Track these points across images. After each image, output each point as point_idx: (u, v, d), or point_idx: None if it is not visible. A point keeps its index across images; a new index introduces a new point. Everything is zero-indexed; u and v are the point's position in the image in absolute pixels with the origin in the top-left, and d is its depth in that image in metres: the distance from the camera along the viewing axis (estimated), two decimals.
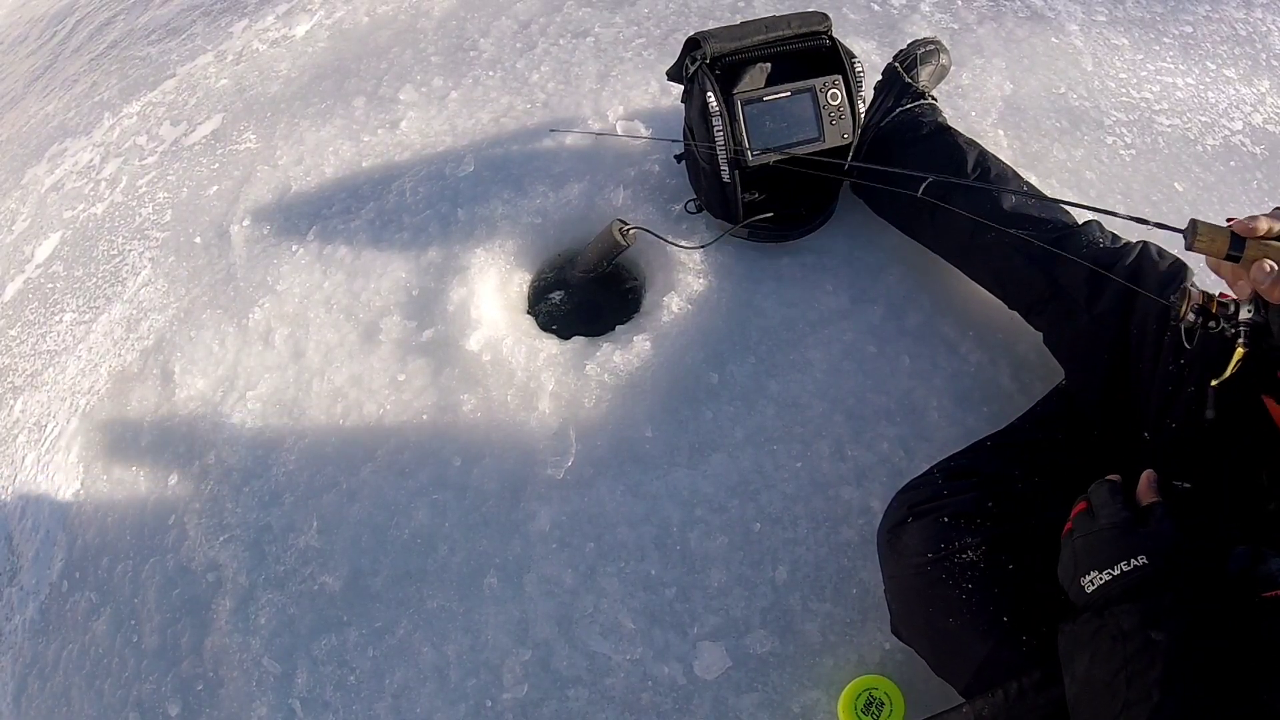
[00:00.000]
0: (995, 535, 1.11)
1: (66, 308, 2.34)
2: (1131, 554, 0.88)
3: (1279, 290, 0.88)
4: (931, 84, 1.80)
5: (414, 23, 2.65)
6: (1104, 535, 0.93)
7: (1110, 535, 0.92)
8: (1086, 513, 0.98)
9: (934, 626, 1.11)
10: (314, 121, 2.42)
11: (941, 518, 1.13)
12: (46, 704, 1.65)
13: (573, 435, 1.61)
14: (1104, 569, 0.89)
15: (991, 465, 1.22)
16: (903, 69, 1.77)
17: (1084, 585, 0.91)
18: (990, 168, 1.53)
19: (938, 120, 1.68)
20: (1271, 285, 0.88)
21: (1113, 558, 0.89)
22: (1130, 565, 0.88)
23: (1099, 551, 0.92)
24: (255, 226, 2.18)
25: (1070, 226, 1.40)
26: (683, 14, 2.40)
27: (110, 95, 3.22)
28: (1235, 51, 2.15)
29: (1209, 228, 0.90)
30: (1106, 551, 0.91)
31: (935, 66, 1.80)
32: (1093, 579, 0.90)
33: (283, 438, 1.75)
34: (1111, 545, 0.91)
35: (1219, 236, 0.90)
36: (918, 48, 1.81)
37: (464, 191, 2.03)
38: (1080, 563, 0.93)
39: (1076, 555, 0.94)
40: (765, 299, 1.72)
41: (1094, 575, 0.90)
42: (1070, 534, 0.98)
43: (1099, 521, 0.94)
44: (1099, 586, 0.89)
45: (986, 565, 1.08)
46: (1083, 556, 0.93)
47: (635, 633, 1.42)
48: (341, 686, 1.47)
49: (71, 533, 1.83)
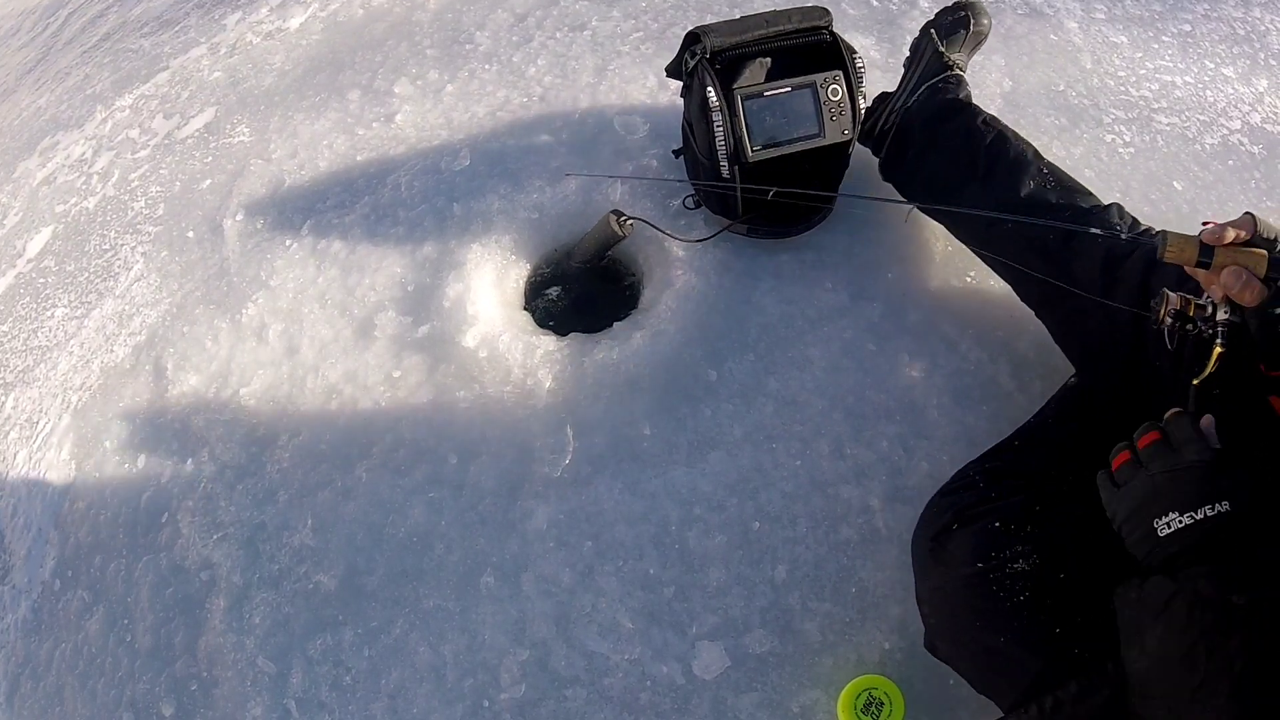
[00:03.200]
0: (1045, 541, 1.05)
1: (58, 303, 2.32)
2: (1217, 498, 0.82)
3: (1249, 294, 0.91)
4: (965, 53, 1.73)
5: (409, 15, 2.63)
6: (1192, 472, 0.85)
7: (1199, 473, 0.85)
8: (1163, 445, 0.89)
9: (979, 642, 1.04)
10: (308, 115, 2.40)
11: (992, 524, 1.07)
12: (39, 704, 1.63)
13: (570, 433, 1.60)
14: (1186, 510, 0.83)
15: (1032, 465, 1.17)
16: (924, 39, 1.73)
17: (1157, 528, 0.84)
18: (1007, 151, 1.47)
19: (958, 97, 1.63)
20: (1241, 289, 0.90)
21: (1199, 499, 0.83)
22: (1214, 510, 0.81)
23: (1184, 489, 0.84)
24: (249, 221, 2.16)
25: (1087, 212, 1.36)
26: (680, 8, 2.38)
27: (102, 88, 3.19)
28: (1234, 50, 2.15)
29: (1178, 238, 0.94)
30: (1194, 490, 0.84)
31: (966, 34, 1.72)
32: (1171, 520, 0.83)
33: (277, 435, 1.73)
34: (1199, 484, 0.84)
35: (1188, 246, 0.94)
36: (946, 16, 1.75)
37: (460, 186, 2.01)
38: (1160, 500, 0.85)
39: (1157, 490, 0.86)
40: (764, 296, 1.71)
41: (1173, 516, 0.83)
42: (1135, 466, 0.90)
43: (1185, 455, 0.87)
44: (1176, 530, 0.83)
45: (1039, 575, 1.02)
46: (1164, 492, 0.85)
47: (633, 632, 1.41)
48: (337, 687, 1.46)
49: (64, 530, 1.81)
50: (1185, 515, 0.82)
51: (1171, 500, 0.84)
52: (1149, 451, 0.90)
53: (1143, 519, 0.86)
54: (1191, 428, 0.89)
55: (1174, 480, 0.85)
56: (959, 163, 1.52)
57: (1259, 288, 0.90)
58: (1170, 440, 0.89)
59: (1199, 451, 0.86)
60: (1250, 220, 0.93)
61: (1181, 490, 0.84)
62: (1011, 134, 1.53)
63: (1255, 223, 0.93)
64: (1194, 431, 0.88)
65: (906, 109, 1.69)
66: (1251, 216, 0.93)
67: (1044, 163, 1.46)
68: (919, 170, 1.63)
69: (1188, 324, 0.98)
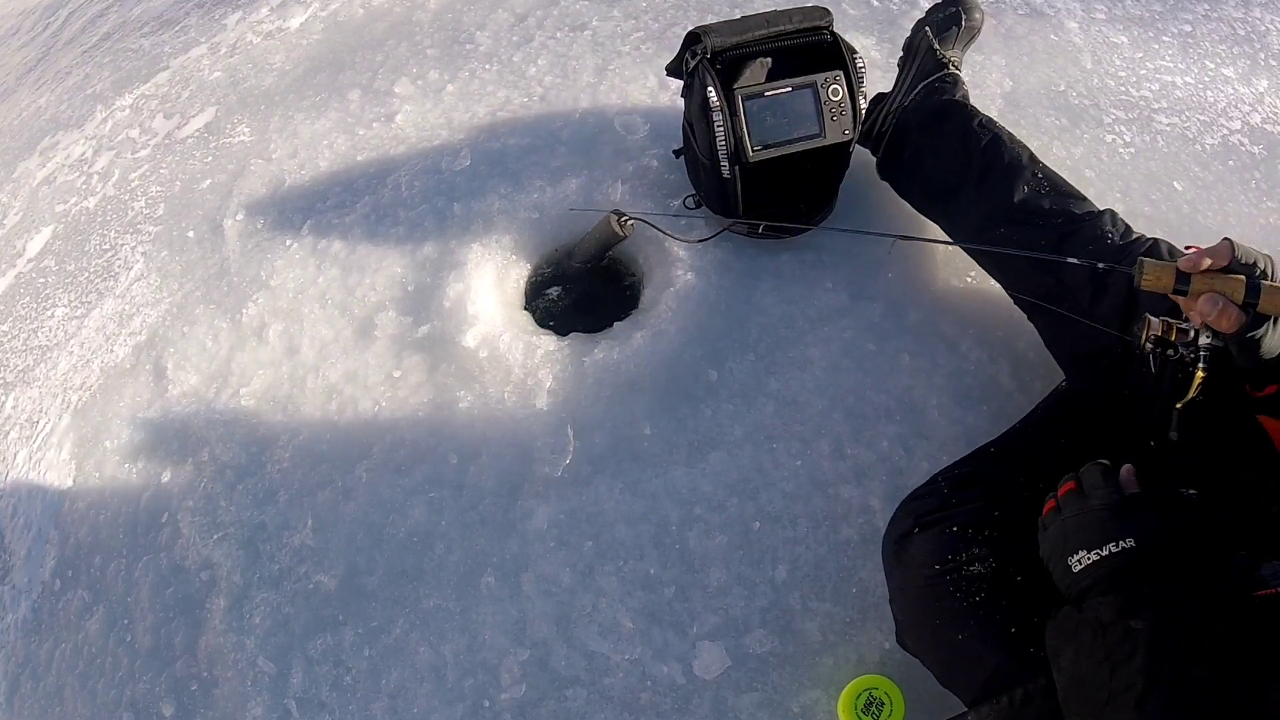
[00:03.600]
0: (1002, 546, 1.10)
1: (58, 303, 2.32)
2: (1120, 536, 0.90)
3: (1226, 320, 0.92)
4: (959, 49, 1.73)
5: (410, 15, 2.63)
6: (1097, 515, 0.93)
7: (1103, 516, 0.93)
8: (1076, 493, 0.98)
9: (941, 639, 1.09)
10: (308, 115, 2.40)
11: (949, 528, 1.12)
12: (39, 704, 1.63)
13: (570, 433, 1.60)
14: (1093, 549, 0.91)
15: (997, 472, 1.20)
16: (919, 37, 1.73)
17: (1070, 565, 0.92)
18: (1002, 154, 1.48)
19: (955, 98, 1.63)
20: (1219, 316, 0.92)
21: (1103, 538, 0.91)
22: (1119, 547, 0.89)
23: (1090, 530, 0.92)
24: (249, 221, 2.16)
25: (1079, 218, 1.36)
26: (680, 8, 2.38)
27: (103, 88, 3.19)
28: (1234, 51, 2.15)
29: (1154, 266, 0.96)
30: (1098, 531, 0.92)
31: (959, 30, 1.73)
32: (1081, 558, 0.91)
33: (277, 435, 1.73)
34: (1103, 526, 0.92)
35: (1164, 274, 0.95)
36: (935, 13, 1.75)
37: (460, 186, 2.01)
38: (1070, 540, 0.94)
39: (1067, 533, 0.95)
40: (765, 296, 1.71)
41: (1082, 555, 0.91)
42: (1057, 512, 0.98)
43: (1091, 501, 0.95)
44: (1086, 567, 0.90)
45: (995, 577, 1.08)
46: (1073, 534, 0.94)
47: (634, 632, 1.41)
48: (338, 686, 1.46)
49: (64, 530, 1.81)
50: (1092, 553, 0.91)
51: (1080, 540, 0.93)
52: (1065, 499, 0.99)
53: (1060, 558, 0.94)
54: (1100, 476, 0.98)
55: (1081, 523, 0.94)
56: (955, 164, 1.53)
57: (1236, 313, 0.92)
58: (1082, 488, 0.98)
59: (1104, 496, 0.95)
60: (1228, 246, 0.94)
61: (1087, 531, 0.93)
62: (1007, 136, 1.53)
63: (1234, 248, 0.94)
64: (1101, 479, 0.97)
65: (903, 108, 1.69)
66: (1229, 242, 0.94)
67: (1039, 167, 1.47)
68: (916, 171, 1.63)
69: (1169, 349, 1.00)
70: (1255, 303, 0.92)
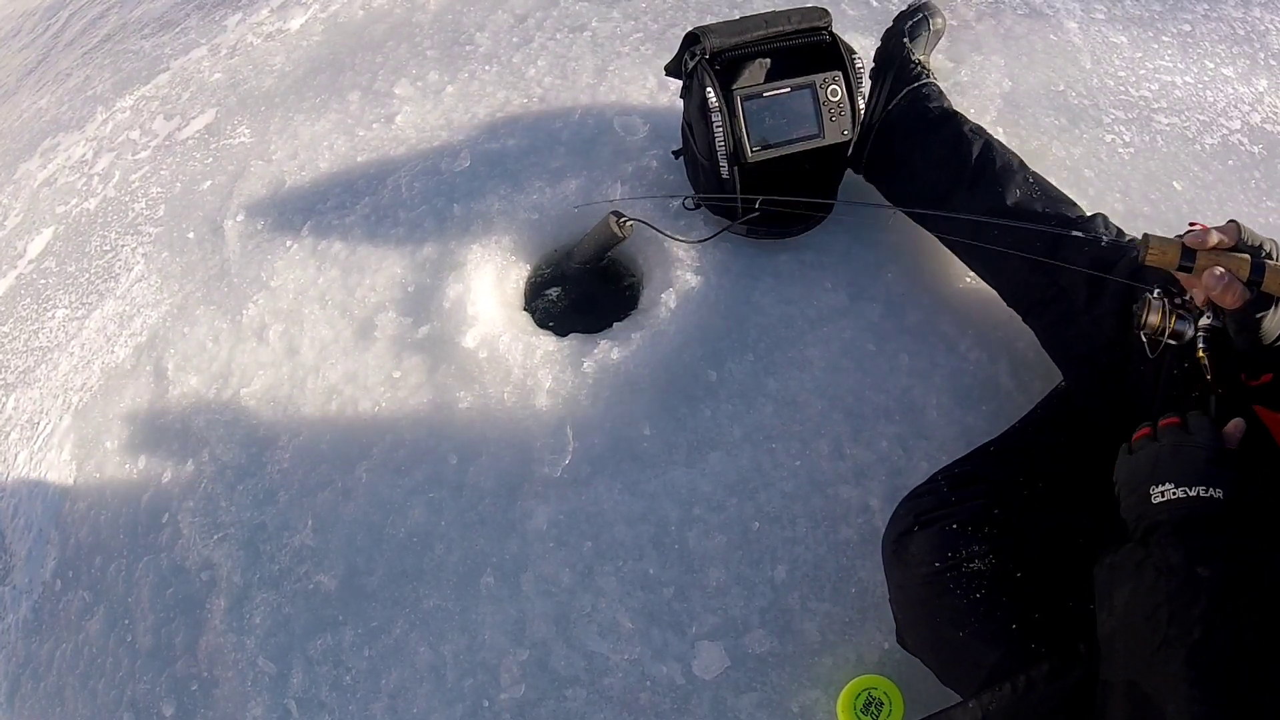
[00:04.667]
0: (1002, 543, 1.09)
1: (59, 304, 2.32)
2: (1213, 483, 0.86)
3: (1230, 295, 0.92)
4: (928, 53, 1.76)
5: (409, 16, 2.63)
6: (1197, 454, 0.89)
7: (1203, 455, 0.89)
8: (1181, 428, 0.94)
9: (942, 636, 1.09)
10: (308, 116, 2.40)
11: (949, 526, 1.12)
12: (40, 704, 1.63)
13: (570, 433, 1.60)
14: (1182, 484, 0.87)
15: (996, 471, 1.20)
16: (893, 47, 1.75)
17: (1151, 494, 0.89)
18: (994, 159, 1.50)
19: (943, 105, 1.65)
20: (1223, 291, 0.92)
21: (1196, 478, 0.87)
22: (1208, 493, 0.86)
23: (1186, 466, 0.89)
24: (249, 222, 2.16)
25: (1074, 222, 1.38)
26: (680, 9, 2.38)
27: (103, 89, 3.19)
28: (1234, 50, 2.14)
29: (1159, 241, 0.95)
30: (1192, 469, 0.88)
31: (928, 35, 1.76)
32: (1166, 490, 0.88)
33: (277, 435, 1.73)
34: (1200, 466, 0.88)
35: (1170, 249, 0.95)
36: (904, 20, 1.78)
37: (460, 186, 2.01)
38: (1161, 469, 0.90)
39: (1159, 460, 0.91)
40: (764, 296, 1.71)
41: (1168, 488, 0.88)
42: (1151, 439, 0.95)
43: (1196, 439, 0.91)
44: (1169, 500, 0.87)
45: (995, 574, 1.07)
46: (1167, 463, 0.90)
47: (633, 632, 1.41)
48: (337, 686, 1.46)
49: (64, 531, 1.81)
50: (1180, 489, 0.87)
51: (1172, 472, 0.88)
52: (1165, 430, 0.94)
53: (1141, 484, 0.90)
54: (1209, 423, 0.93)
55: (1177, 455, 0.90)
56: (947, 170, 1.54)
57: (1240, 290, 0.92)
58: (1188, 426, 0.93)
59: (1209, 440, 0.90)
60: (1235, 227, 0.94)
61: (1183, 465, 0.89)
62: (998, 144, 1.55)
63: (1240, 230, 0.94)
64: (1209, 425, 0.92)
65: (887, 113, 1.70)
66: (1236, 224, 0.94)
67: (1030, 172, 1.50)
68: (906, 177, 1.64)
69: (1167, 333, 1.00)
70: (1259, 281, 0.92)
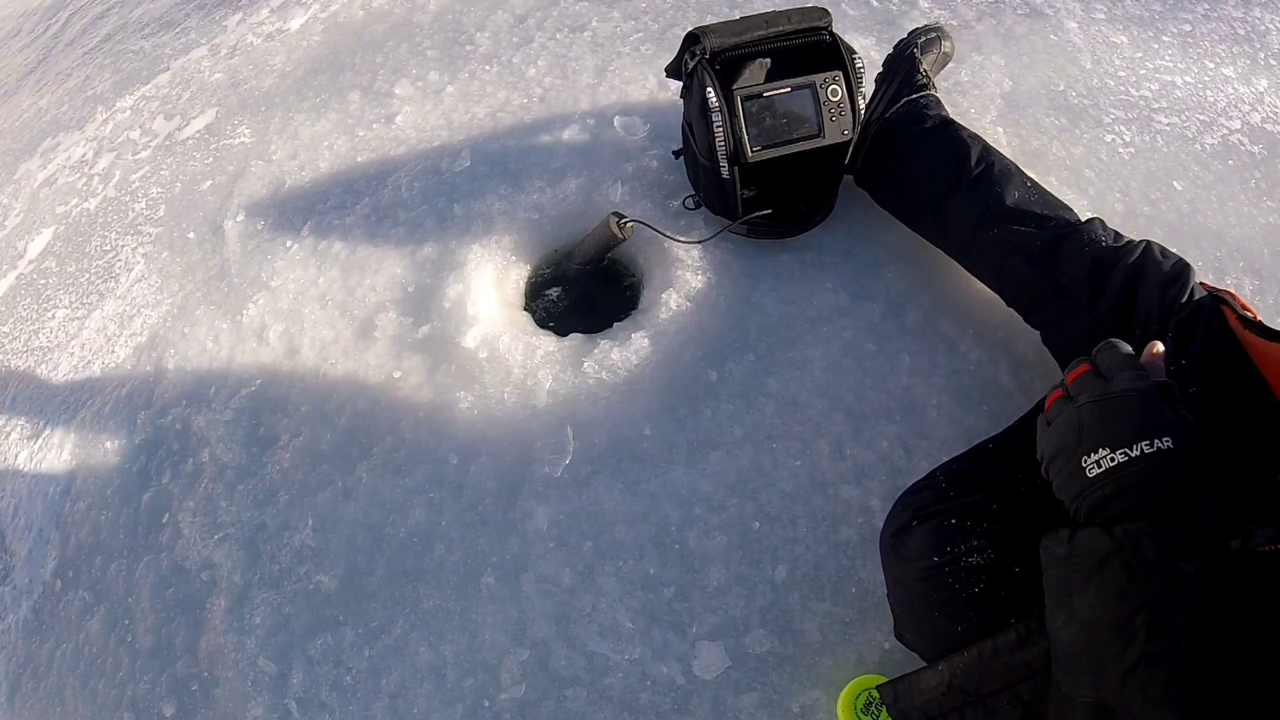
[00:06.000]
0: (1001, 538, 1.09)
1: (59, 304, 2.32)
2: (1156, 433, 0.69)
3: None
4: (934, 72, 1.79)
5: (409, 16, 2.63)
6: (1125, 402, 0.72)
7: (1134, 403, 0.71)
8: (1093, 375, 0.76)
9: (939, 631, 1.09)
10: (309, 116, 2.40)
11: (947, 521, 1.11)
12: (40, 704, 1.63)
13: (570, 433, 1.60)
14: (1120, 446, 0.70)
15: (995, 467, 1.20)
16: (903, 59, 1.76)
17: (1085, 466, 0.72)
18: (993, 163, 1.52)
19: (941, 114, 1.67)
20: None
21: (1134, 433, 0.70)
22: (1153, 447, 0.68)
23: (1116, 422, 0.71)
24: (249, 222, 2.16)
25: (1072, 224, 1.39)
26: (680, 9, 2.38)
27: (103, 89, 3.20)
28: (1234, 50, 2.14)
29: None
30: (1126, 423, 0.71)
31: (937, 54, 1.80)
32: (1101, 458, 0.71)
33: (277, 435, 1.73)
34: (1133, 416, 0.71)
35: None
36: (919, 36, 1.80)
37: (460, 187, 2.01)
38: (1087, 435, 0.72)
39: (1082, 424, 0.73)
40: (764, 296, 1.71)
41: (1103, 454, 0.70)
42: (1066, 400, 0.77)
43: (1117, 384, 0.73)
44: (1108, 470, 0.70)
45: (993, 568, 1.06)
46: (1092, 427, 0.72)
47: (634, 632, 1.41)
48: (338, 687, 1.46)
49: (65, 531, 1.81)
50: (1118, 452, 0.70)
51: (1101, 434, 0.72)
52: (1078, 382, 0.77)
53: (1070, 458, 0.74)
54: (1123, 354, 0.76)
55: (1102, 412, 0.73)
56: (945, 173, 1.55)
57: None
58: (1100, 369, 0.77)
59: (1134, 380, 0.73)
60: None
61: (1112, 423, 0.72)
62: (994, 149, 1.57)
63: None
64: (1125, 359, 0.76)
65: (884, 120, 1.71)
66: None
67: (1027, 177, 1.51)
68: (903, 180, 1.64)
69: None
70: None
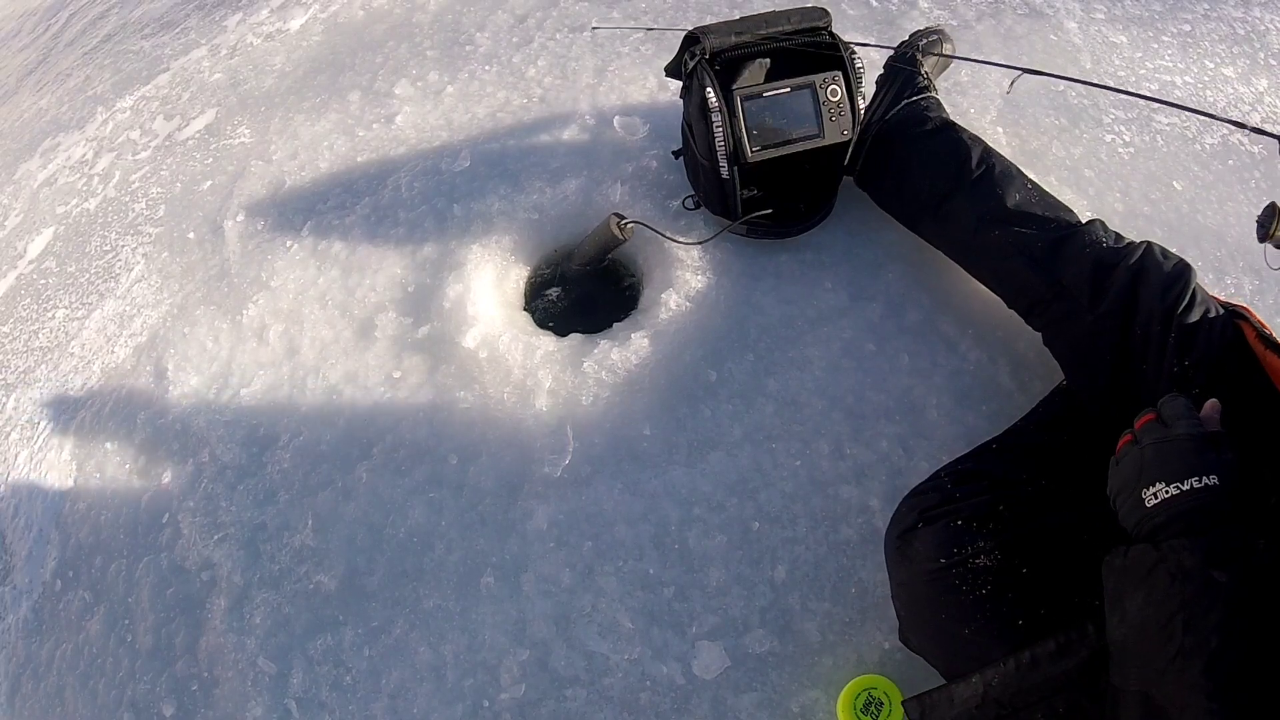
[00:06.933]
0: (1007, 539, 1.08)
1: (59, 304, 2.32)
2: (1204, 471, 0.84)
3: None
4: (935, 75, 1.79)
5: (409, 16, 2.64)
6: (1180, 445, 0.87)
7: (1186, 446, 0.87)
8: (1156, 423, 0.92)
9: (946, 633, 1.08)
10: (309, 116, 2.40)
11: (953, 522, 1.11)
12: (40, 704, 1.63)
13: (570, 433, 1.60)
14: (1173, 481, 0.84)
15: (1000, 468, 1.20)
16: (905, 61, 1.77)
17: (1145, 498, 0.86)
18: (994, 165, 1.51)
19: (942, 115, 1.67)
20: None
21: (1185, 470, 0.84)
22: (1201, 483, 0.83)
23: (1171, 461, 0.86)
24: (249, 222, 2.16)
25: (1073, 225, 1.39)
26: (680, 8, 2.39)
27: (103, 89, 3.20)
28: (1234, 50, 2.14)
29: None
30: (1179, 462, 0.86)
31: (939, 57, 1.79)
32: (1158, 491, 0.85)
33: (277, 435, 1.73)
34: (1185, 457, 0.86)
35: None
36: (920, 38, 1.80)
37: (460, 187, 2.01)
38: (1147, 471, 0.87)
39: (1144, 463, 0.89)
40: (764, 296, 1.71)
41: (1159, 487, 0.85)
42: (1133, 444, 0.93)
43: (1174, 430, 0.89)
44: (1162, 501, 0.85)
45: (1000, 570, 1.06)
46: (1152, 465, 0.88)
47: (633, 632, 1.41)
48: (338, 686, 1.46)
49: (65, 531, 1.81)
50: (1172, 485, 0.84)
51: (1159, 471, 0.86)
52: (1144, 429, 0.93)
53: (1132, 490, 0.88)
54: (1184, 407, 0.91)
55: (1161, 452, 0.88)
56: (945, 174, 1.54)
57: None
58: (1163, 418, 0.92)
59: (1189, 427, 0.88)
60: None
61: (1168, 462, 0.87)
62: (995, 151, 1.56)
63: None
64: (1184, 411, 0.91)
65: (884, 121, 1.71)
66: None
67: (1027, 179, 1.51)
68: (903, 181, 1.64)
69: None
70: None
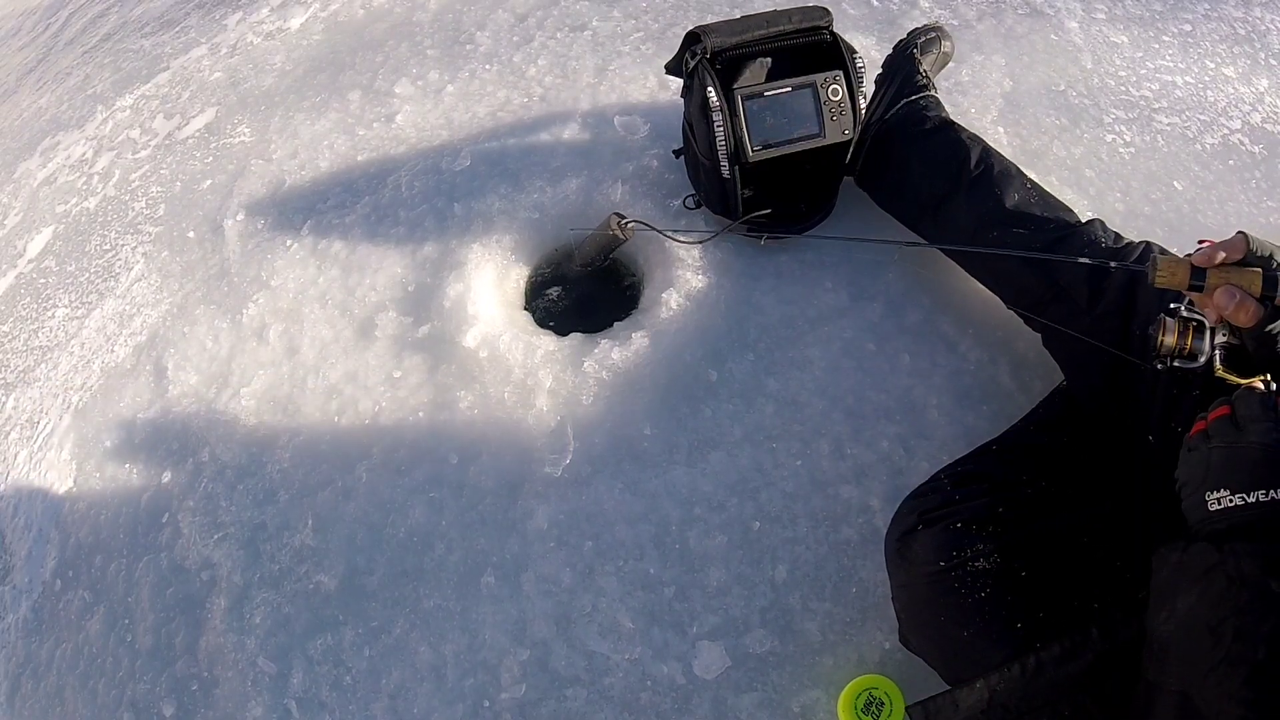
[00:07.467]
0: (1007, 541, 1.08)
1: (59, 303, 2.32)
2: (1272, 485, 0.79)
3: (1243, 314, 0.89)
4: (934, 73, 1.79)
5: (410, 15, 2.63)
6: (1251, 453, 0.82)
7: (1257, 456, 0.81)
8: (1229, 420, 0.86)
9: (946, 636, 1.08)
10: (309, 115, 2.40)
11: (953, 524, 1.11)
12: (40, 704, 1.63)
13: (570, 433, 1.60)
14: (1239, 491, 0.80)
15: (1000, 470, 1.20)
16: (904, 59, 1.76)
17: (1208, 500, 0.82)
18: (994, 164, 1.51)
19: (941, 115, 1.67)
20: (1236, 310, 0.89)
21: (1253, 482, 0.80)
22: (1268, 497, 0.78)
23: (1239, 469, 0.82)
24: (249, 221, 2.16)
25: (1073, 225, 1.39)
26: (680, 8, 2.38)
27: (103, 88, 3.19)
28: (1234, 50, 2.14)
29: (1168, 262, 0.94)
30: (1247, 472, 0.81)
31: (937, 55, 1.80)
32: (1221, 498, 0.81)
33: (277, 435, 1.73)
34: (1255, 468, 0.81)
35: (1179, 269, 0.93)
36: (918, 36, 1.80)
37: (460, 186, 2.01)
38: (1213, 475, 0.83)
39: (1210, 465, 0.84)
40: (764, 296, 1.71)
41: (1224, 495, 0.81)
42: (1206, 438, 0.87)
43: (1247, 436, 0.83)
44: (1225, 509, 0.81)
45: (999, 572, 1.06)
46: (1218, 469, 0.83)
47: (634, 632, 1.41)
48: (338, 686, 1.46)
49: (64, 531, 1.81)
50: (1237, 496, 0.80)
51: (1224, 478, 0.82)
52: (1216, 425, 0.87)
53: (1196, 488, 0.85)
54: (1260, 406, 0.85)
55: (1230, 458, 0.83)
56: (944, 175, 1.54)
57: (1254, 307, 0.89)
58: (1236, 417, 0.86)
59: (1263, 433, 0.82)
60: (1243, 239, 0.91)
61: (1236, 470, 0.82)
62: (994, 150, 1.56)
63: (1248, 241, 0.91)
64: (1261, 411, 0.84)
65: (884, 121, 1.71)
66: (1244, 235, 0.92)
67: (1027, 179, 1.50)
68: (903, 181, 1.64)
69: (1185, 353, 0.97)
70: (1273, 296, 0.89)
